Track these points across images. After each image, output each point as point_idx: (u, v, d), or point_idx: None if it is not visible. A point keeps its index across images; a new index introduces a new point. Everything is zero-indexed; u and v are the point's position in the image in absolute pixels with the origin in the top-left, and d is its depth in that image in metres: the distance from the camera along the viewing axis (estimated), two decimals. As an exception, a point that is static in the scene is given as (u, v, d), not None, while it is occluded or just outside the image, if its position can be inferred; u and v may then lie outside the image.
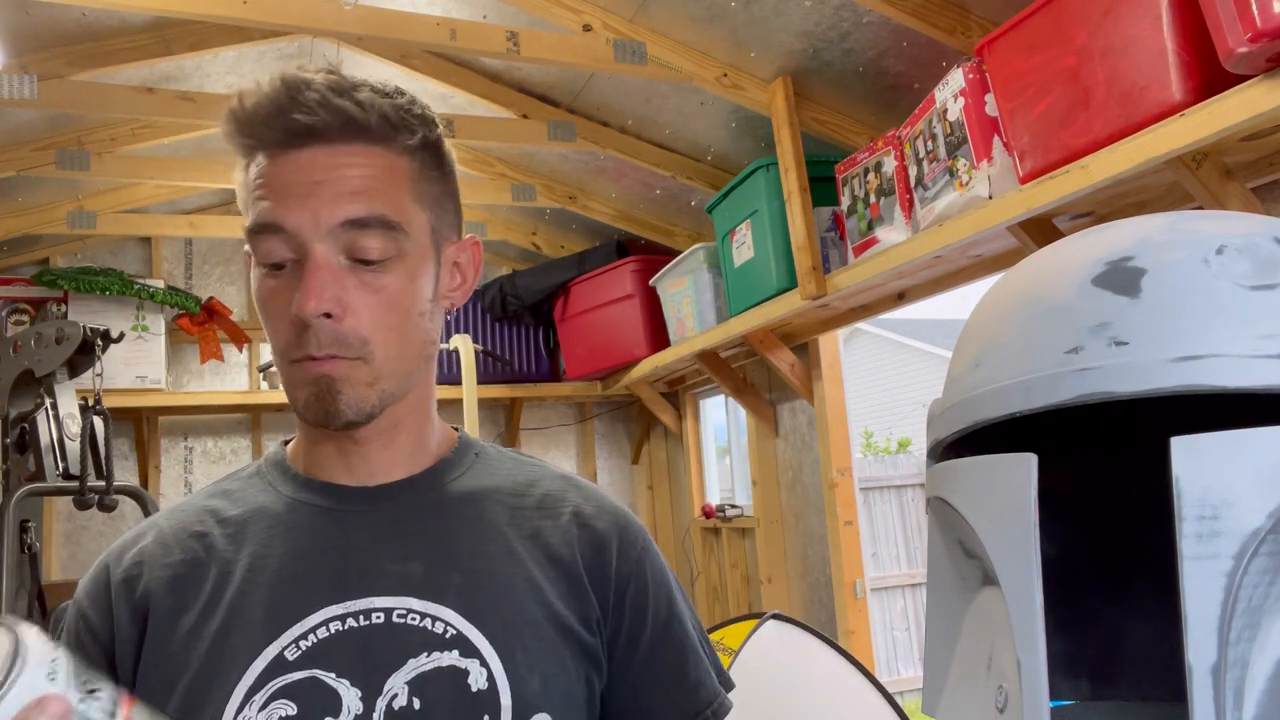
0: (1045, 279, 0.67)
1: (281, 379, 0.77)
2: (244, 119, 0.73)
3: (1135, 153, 1.43)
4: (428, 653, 0.71)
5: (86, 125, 2.97)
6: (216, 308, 3.82)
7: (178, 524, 0.79)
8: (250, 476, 0.84)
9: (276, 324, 0.74)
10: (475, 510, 0.80)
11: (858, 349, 14.76)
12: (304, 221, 0.71)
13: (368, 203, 0.72)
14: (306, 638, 0.71)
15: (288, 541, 0.76)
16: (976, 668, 0.68)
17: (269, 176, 0.73)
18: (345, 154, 0.73)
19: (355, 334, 0.73)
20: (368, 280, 0.73)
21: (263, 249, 0.73)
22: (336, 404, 0.73)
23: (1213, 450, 0.55)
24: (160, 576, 0.75)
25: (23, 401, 2.58)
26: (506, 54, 2.29)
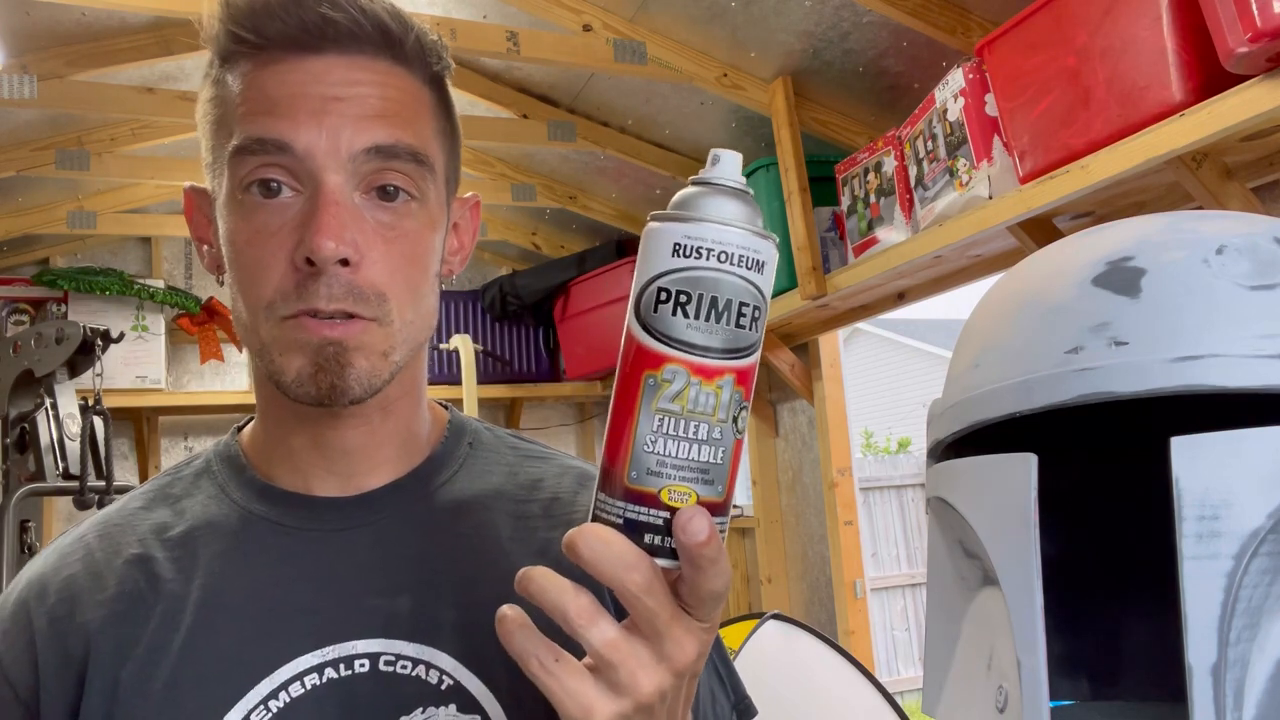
0: (1045, 279, 0.67)
1: (257, 343, 0.60)
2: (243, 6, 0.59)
3: (1135, 153, 1.43)
4: (422, 708, 0.59)
5: (86, 125, 2.97)
6: (216, 308, 3.82)
7: (110, 545, 0.64)
8: (197, 476, 0.68)
9: (263, 271, 0.58)
10: (472, 523, 0.66)
11: (858, 349, 14.76)
12: (318, 143, 0.57)
13: (396, 129, 0.60)
14: (277, 696, 0.58)
15: (248, 570, 0.62)
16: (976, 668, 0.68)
17: (269, 84, 0.58)
18: (368, 69, 0.60)
19: (373, 287, 0.59)
20: (386, 224, 0.60)
21: (252, 174, 0.58)
22: (345, 377, 0.59)
23: (1213, 450, 0.55)
24: (94, 617, 0.60)
25: (23, 401, 2.58)
26: (506, 54, 2.29)
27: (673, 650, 0.44)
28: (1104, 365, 0.58)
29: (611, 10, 2.37)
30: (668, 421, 0.44)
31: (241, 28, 0.59)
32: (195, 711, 0.57)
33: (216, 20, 0.60)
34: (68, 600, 0.61)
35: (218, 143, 0.62)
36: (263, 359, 0.61)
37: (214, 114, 0.62)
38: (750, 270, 0.46)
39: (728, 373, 0.46)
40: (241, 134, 0.59)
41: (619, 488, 0.44)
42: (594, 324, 3.59)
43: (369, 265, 0.59)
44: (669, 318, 0.44)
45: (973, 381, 0.67)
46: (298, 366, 0.59)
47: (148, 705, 0.58)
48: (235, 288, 0.61)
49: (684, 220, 0.45)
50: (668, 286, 0.44)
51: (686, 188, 0.47)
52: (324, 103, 0.58)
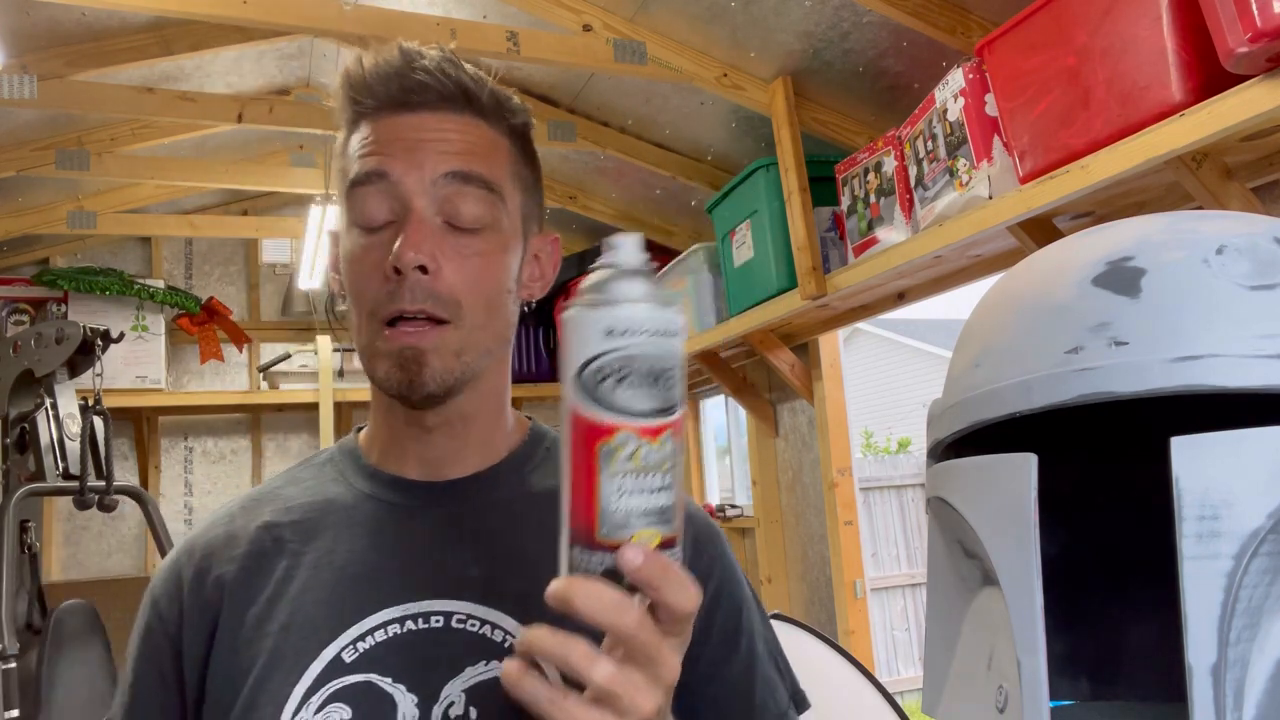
0: (1045, 279, 0.67)
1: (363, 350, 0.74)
2: (359, 79, 0.74)
3: (1135, 153, 1.43)
4: (485, 661, 0.70)
5: (86, 125, 2.97)
6: (216, 308, 3.82)
7: (249, 514, 0.79)
8: (323, 465, 0.83)
9: (366, 282, 0.72)
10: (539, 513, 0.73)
11: (858, 349, 14.76)
12: (408, 173, 0.72)
13: (471, 162, 0.73)
14: (365, 639, 0.70)
15: (354, 538, 0.75)
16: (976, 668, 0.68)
17: (377, 134, 0.73)
18: (453, 121, 0.74)
19: (448, 292, 0.71)
20: (463, 243, 0.73)
21: (361, 204, 0.73)
22: (421, 374, 0.71)
23: (1213, 450, 0.55)
24: (229, 570, 0.75)
25: (23, 401, 2.58)
26: (506, 54, 2.29)
27: (662, 670, 0.52)
28: (1104, 365, 0.58)
29: (611, 10, 2.37)
30: (626, 480, 0.51)
31: (357, 94, 0.75)
32: (300, 648, 0.70)
33: (340, 91, 0.76)
34: (208, 557, 0.76)
35: (340, 190, 0.77)
36: (363, 360, 0.74)
37: (340, 167, 0.78)
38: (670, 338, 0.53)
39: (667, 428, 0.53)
40: (354, 172, 0.74)
41: (594, 543, 0.52)
42: (594, 324, 3.58)
43: (445, 274, 0.71)
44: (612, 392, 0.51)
45: (973, 381, 0.67)
46: (385, 367, 0.72)
47: (266, 641, 0.71)
48: (349, 302, 0.75)
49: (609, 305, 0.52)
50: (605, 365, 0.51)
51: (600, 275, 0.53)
52: (415, 143, 0.72)
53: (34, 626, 2.49)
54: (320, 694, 0.68)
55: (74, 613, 2.54)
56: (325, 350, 3.67)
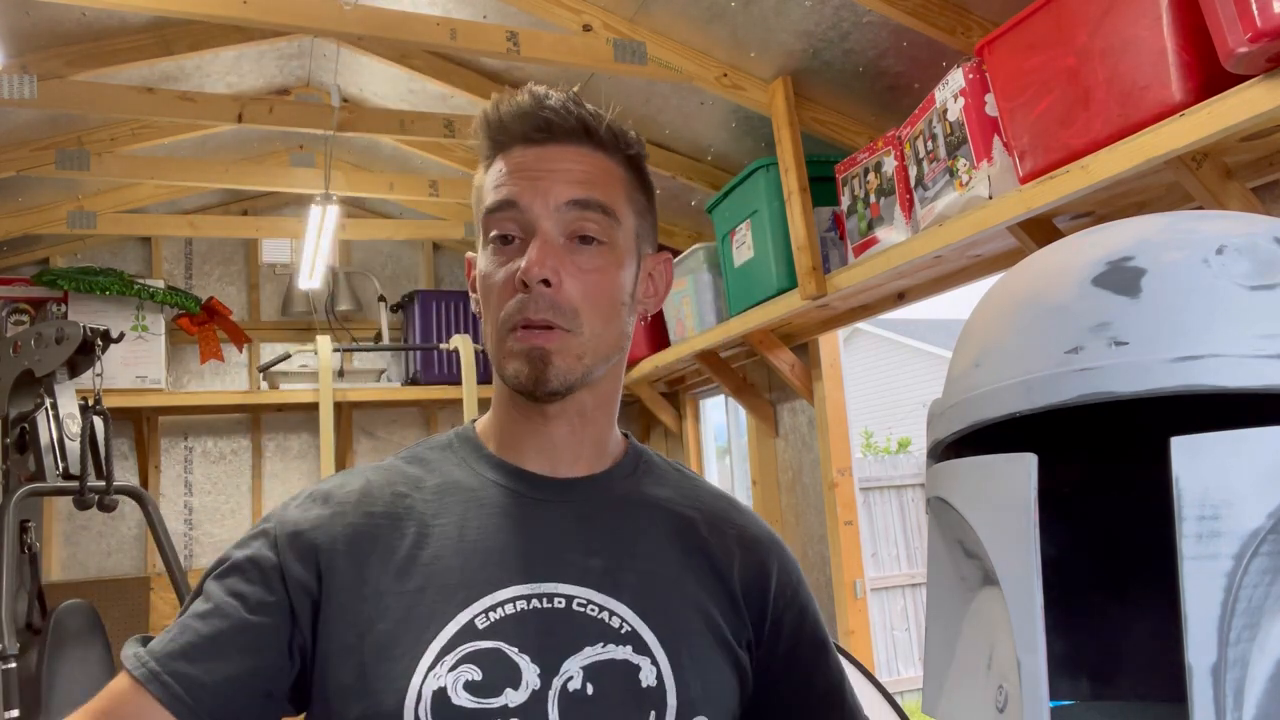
0: (1045, 279, 0.67)
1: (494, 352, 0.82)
2: (496, 118, 0.84)
3: (1135, 153, 1.43)
4: (603, 643, 0.76)
5: (86, 125, 2.97)
6: (216, 308, 3.82)
7: (383, 479, 0.84)
8: (442, 449, 0.89)
9: (498, 295, 0.81)
10: (650, 516, 0.86)
11: (858, 349, 14.76)
12: (535, 200, 0.80)
13: (589, 189, 0.82)
14: (496, 610, 0.76)
15: (483, 517, 0.81)
16: (976, 668, 0.68)
17: (511, 167, 0.82)
18: (575, 153, 0.83)
19: (569, 304, 0.79)
20: (582, 260, 0.81)
21: (496, 225, 0.82)
22: (546, 372, 0.79)
23: (1213, 450, 0.55)
24: (361, 522, 0.80)
25: (23, 401, 2.58)
26: (506, 54, 2.29)
27: None
28: (1104, 365, 0.58)
29: (611, 10, 2.37)
30: None
31: (494, 132, 0.84)
32: (435, 609, 0.75)
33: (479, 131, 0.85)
34: (344, 504, 0.81)
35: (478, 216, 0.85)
36: (495, 361, 0.83)
37: (478, 198, 0.86)
38: None
39: None
40: (489, 200, 0.82)
41: None
42: (594, 324, 3.59)
43: (566, 288, 0.80)
44: None
45: (973, 381, 0.67)
46: (516, 365, 0.80)
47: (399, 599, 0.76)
48: (483, 312, 0.84)
49: None
50: None
51: None
52: (540, 174, 0.81)
53: (34, 626, 2.49)
54: (455, 654, 0.74)
55: (74, 613, 2.54)
56: (325, 350, 3.67)
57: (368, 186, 3.61)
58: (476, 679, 0.73)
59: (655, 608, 0.79)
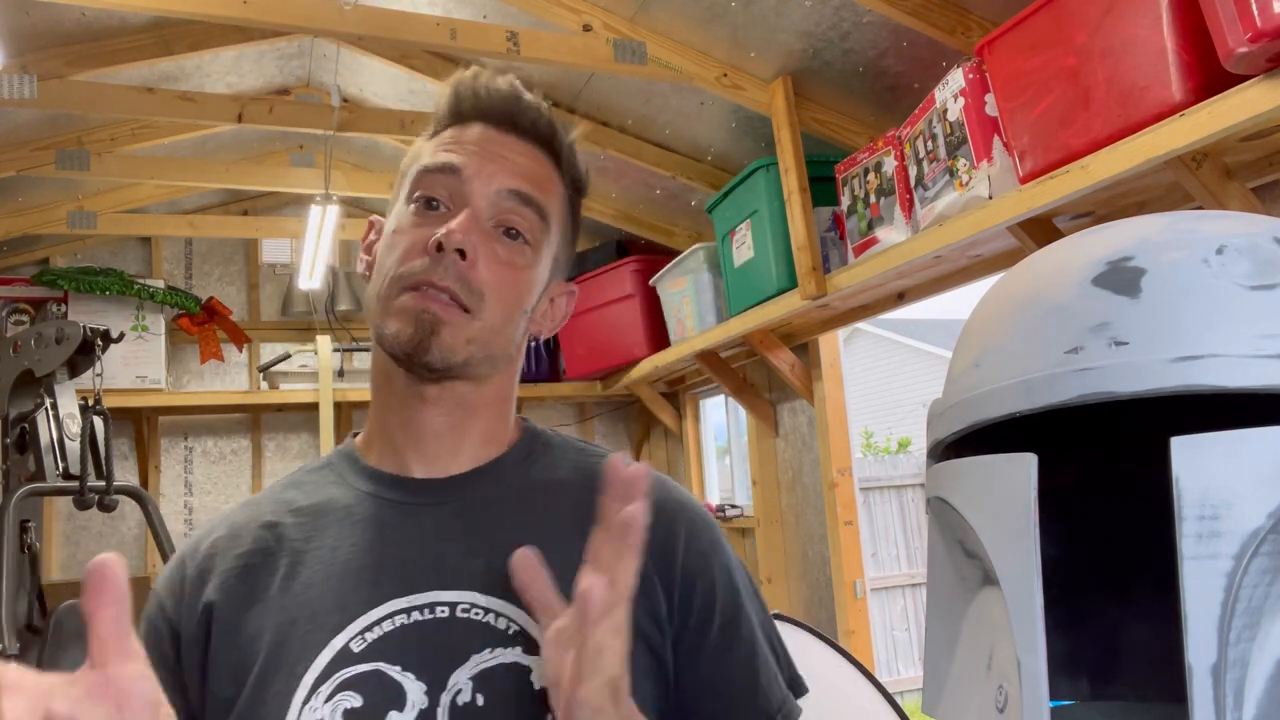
0: (1045, 279, 0.67)
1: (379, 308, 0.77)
2: (470, 90, 0.81)
3: (1135, 153, 1.43)
4: (491, 648, 0.72)
5: (86, 125, 2.97)
6: (216, 308, 3.82)
7: (250, 515, 0.81)
8: (321, 469, 0.85)
9: (407, 250, 0.76)
10: (541, 504, 0.81)
11: (858, 349, 14.76)
12: (478, 174, 0.77)
13: (534, 187, 0.80)
14: (372, 630, 0.72)
15: (357, 534, 0.77)
16: (976, 668, 0.68)
17: (465, 137, 0.79)
18: (531, 153, 0.81)
19: (477, 284, 0.75)
20: (502, 251, 0.78)
21: (425, 187, 0.78)
22: (429, 341, 0.74)
23: (1213, 450, 0.55)
24: (232, 567, 0.77)
25: (23, 401, 2.58)
26: (506, 54, 2.29)
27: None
28: (1104, 365, 0.58)
29: (611, 10, 2.37)
30: None
31: (463, 99, 0.81)
32: (307, 640, 0.72)
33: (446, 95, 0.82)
34: (212, 556, 0.78)
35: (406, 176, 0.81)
36: (377, 318, 0.77)
37: (412, 159, 0.82)
38: None
39: None
40: (428, 159, 0.79)
41: None
42: (594, 324, 3.59)
43: (479, 267, 0.76)
44: None
45: (973, 381, 0.67)
46: (399, 324, 0.75)
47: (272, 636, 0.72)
48: (379, 267, 0.79)
49: None
50: None
51: None
52: (493, 155, 0.79)
53: (34, 626, 2.49)
54: (330, 683, 0.70)
55: (74, 613, 2.53)
56: (325, 350, 3.67)
57: (368, 186, 3.61)
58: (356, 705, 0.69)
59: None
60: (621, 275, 3.44)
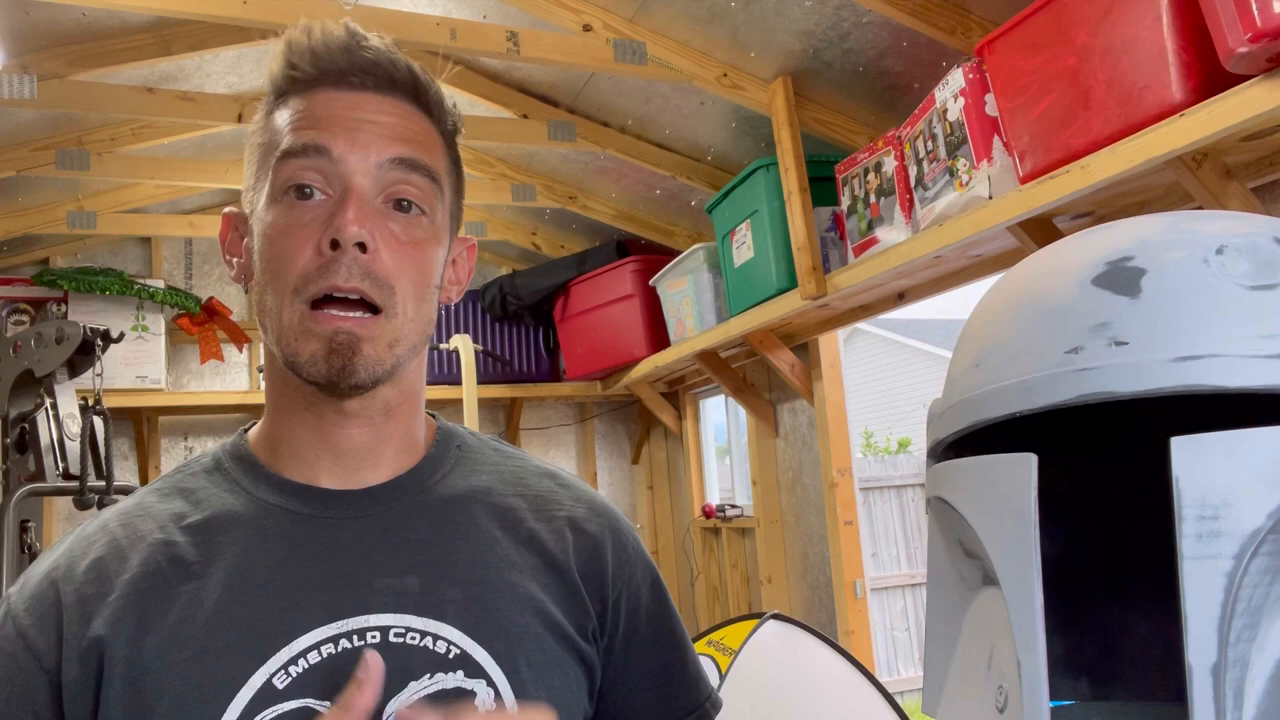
0: (1045, 279, 0.67)
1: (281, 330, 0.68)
2: (305, 47, 0.70)
3: (1135, 153, 1.43)
4: (429, 674, 0.67)
5: (86, 125, 2.97)
6: (216, 308, 3.82)
7: (133, 531, 0.70)
8: (208, 472, 0.75)
9: (293, 256, 0.67)
10: (468, 514, 0.75)
11: (858, 349, 14.76)
12: (351, 151, 0.68)
13: (416, 150, 0.71)
14: (296, 663, 0.65)
15: (269, 553, 0.69)
16: (976, 668, 0.68)
17: (315, 109, 0.70)
18: (398, 108, 0.72)
19: (384, 275, 0.68)
20: (399, 228, 0.70)
21: (293, 177, 0.68)
22: (353, 361, 0.67)
23: (1213, 450, 0.55)
24: (121, 594, 0.66)
25: (23, 401, 2.58)
26: (506, 54, 2.29)
27: None
28: (1104, 365, 0.58)
29: (611, 10, 2.37)
30: None
31: (300, 62, 0.70)
32: (222, 676, 0.64)
33: (279, 57, 0.71)
34: (94, 580, 0.67)
35: (262, 162, 0.72)
36: (281, 342, 0.69)
37: (262, 140, 0.72)
38: None
39: None
40: (287, 143, 0.69)
41: None
42: (594, 324, 3.59)
43: (383, 256, 0.68)
44: None
45: (973, 381, 0.67)
46: (312, 349, 0.67)
47: (175, 673, 0.64)
48: (264, 278, 0.70)
49: None
50: None
51: None
52: (360, 123, 0.69)
53: (34, 626, 2.48)
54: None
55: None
56: (325, 350, 3.66)
57: (368, 186, 3.61)
58: None
59: (484, 621, 0.69)
60: (621, 275, 3.44)
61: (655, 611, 0.81)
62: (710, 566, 3.83)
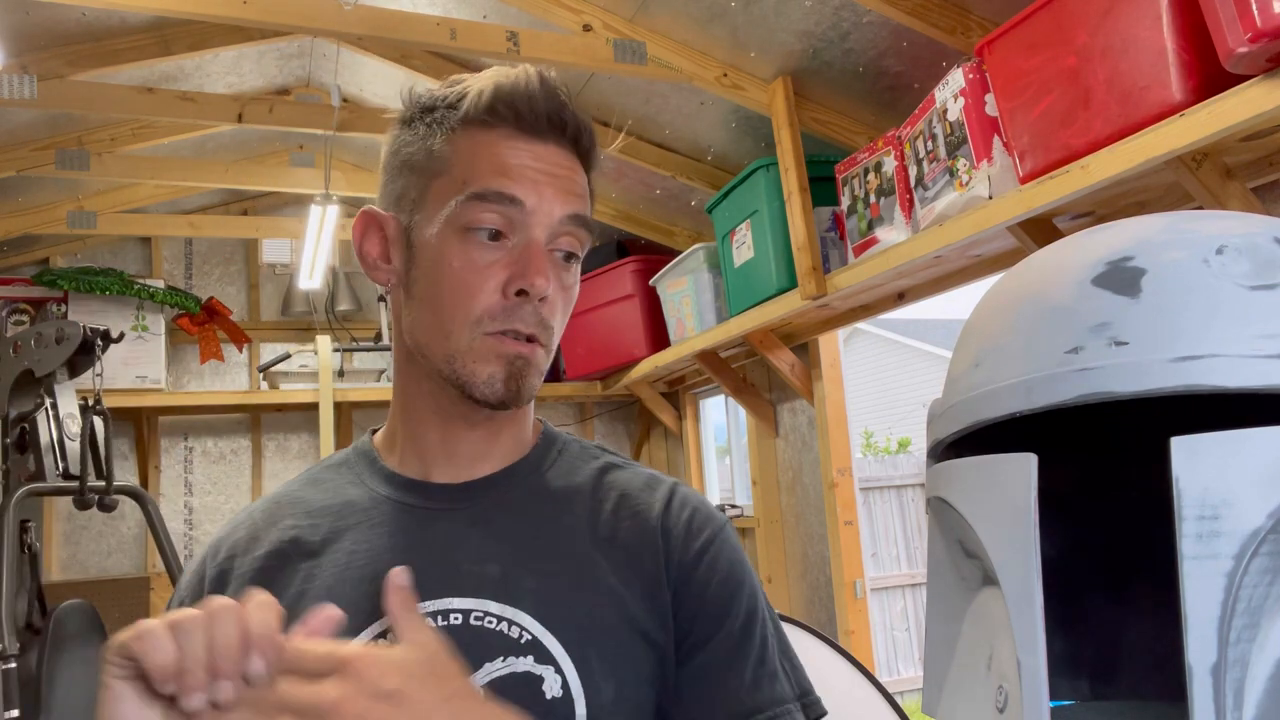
0: (1045, 279, 0.67)
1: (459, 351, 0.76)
2: (508, 92, 0.77)
3: (1135, 153, 1.43)
4: (503, 657, 0.72)
5: (86, 125, 2.97)
6: (216, 308, 3.82)
7: (270, 516, 0.82)
8: (338, 466, 0.86)
9: (476, 291, 0.75)
10: (555, 510, 0.81)
11: (858, 349, 14.76)
12: (540, 206, 0.76)
13: (585, 206, 0.80)
14: (385, 636, 0.72)
15: (373, 539, 0.78)
16: (976, 668, 0.68)
17: (505, 153, 0.76)
18: (567, 160, 0.79)
19: (551, 319, 0.78)
20: (562, 275, 0.79)
21: (483, 214, 0.76)
22: (524, 383, 0.76)
23: (1213, 450, 0.55)
24: (249, 570, 0.78)
25: (23, 401, 2.58)
26: (506, 54, 2.29)
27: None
28: (1104, 365, 0.58)
29: (611, 10, 2.37)
30: None
31: (503, 104, 0.77)
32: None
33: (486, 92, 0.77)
34: (232, 558, 0.79)
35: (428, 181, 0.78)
36: (451, 363, 0.76)
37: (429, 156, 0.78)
38: None
39: None
40: (480, 185, 0.75)
41: None
42: (594, 324, 3.59)
43: (551, 304, 0.77)
44: None
45: (973, 381, 0.67)
46: (490, 372, 0.76)
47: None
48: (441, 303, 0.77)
49: None
50: None
51: None
52: (546, 177, 0.77)
53: (34, 626, 2.49)
54: None
55: (74, 613, 2.54)
56: (325, 350, 3.66)
57: (368, 186, 3.61)
58: None
59: (559, 611, 0.74)
60: (621, 275, 3.44)
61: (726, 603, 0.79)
62: (710, 566, 3.82)
